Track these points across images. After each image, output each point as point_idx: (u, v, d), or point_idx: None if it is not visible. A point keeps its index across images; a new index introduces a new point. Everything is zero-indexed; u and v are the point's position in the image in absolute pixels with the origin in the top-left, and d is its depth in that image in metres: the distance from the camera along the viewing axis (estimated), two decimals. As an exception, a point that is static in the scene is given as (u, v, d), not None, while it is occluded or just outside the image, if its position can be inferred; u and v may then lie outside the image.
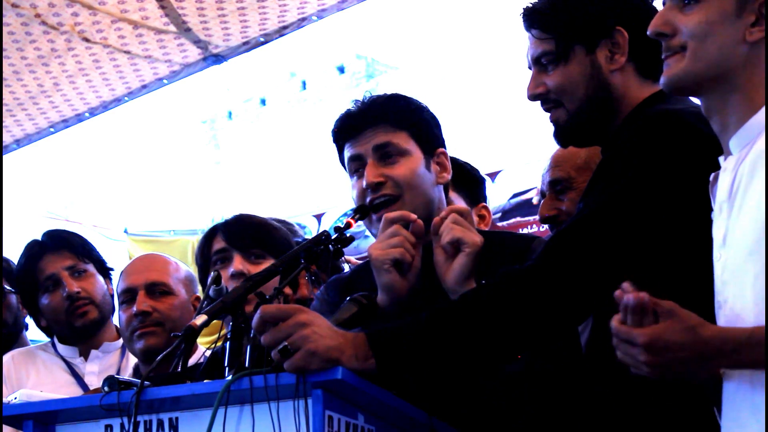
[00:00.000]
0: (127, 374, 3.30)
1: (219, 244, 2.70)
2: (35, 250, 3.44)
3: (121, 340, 3.46)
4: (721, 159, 1.83)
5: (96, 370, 3.39)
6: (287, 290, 2.60)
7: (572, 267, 1.96)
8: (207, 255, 2.72)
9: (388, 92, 2.51)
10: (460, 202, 3.05)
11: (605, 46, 2.23)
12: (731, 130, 1.78)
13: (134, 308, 2.97)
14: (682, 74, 1.81)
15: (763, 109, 1.74)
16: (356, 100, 2.47)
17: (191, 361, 2.83)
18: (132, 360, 3.40)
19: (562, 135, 2.30)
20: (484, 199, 3.54)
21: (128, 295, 3.02)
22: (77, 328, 3.39)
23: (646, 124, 2.04)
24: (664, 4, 1.87)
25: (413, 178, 2.35)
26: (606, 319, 2.11)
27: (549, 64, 2.25)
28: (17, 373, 3.36)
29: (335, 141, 2.46)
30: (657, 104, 2.13)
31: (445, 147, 2.48)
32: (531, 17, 2.28)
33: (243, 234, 2.67)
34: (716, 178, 1.81)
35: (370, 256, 2.26)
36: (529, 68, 2.33)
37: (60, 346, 3.44)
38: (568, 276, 1.96)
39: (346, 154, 2.43)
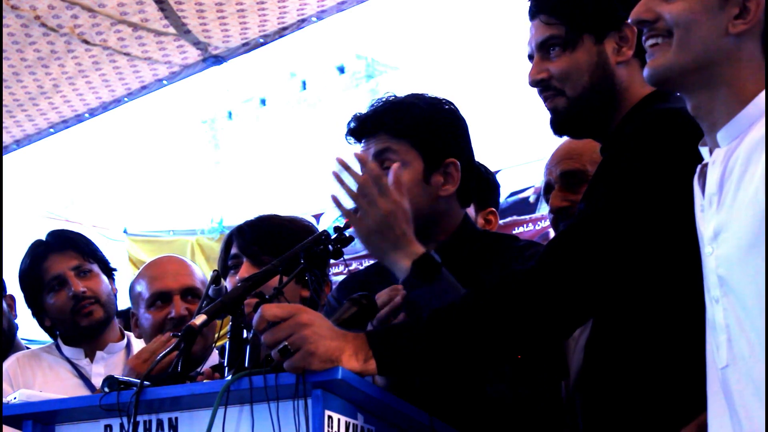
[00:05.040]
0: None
1: (233, 249, 2.70)
2: (40, 250, 3.44)
3: (125, 341, 3.48)
4: (704, 151, 1.81)
5: (102, 371, 3.38)
6: (304, 293, 2.60)
7: (574, 269, 1.96)
8: (225, 259, 2.74)
9: (407, 93, 2.46)
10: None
11: (613, 38, 2.22)
12: (719, 125, 1.77)
13: (172, 311, 2.98)
14: (668, 65, 1.79)
15: (754, 103, 1.73)
16: (371, 102, 2.45)
17: (207, 364, 2.84)
18: None
19: (559, 122, 2.28)
20: (495, 204, 3.50)
21: (162, 298, 3.03)
22: (83, 328, 3.39)
23: (648, 123, 2.03)
24: None
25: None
26: (606, 320, 2.13)
27: (555, 48, 2.24)
28: (24, 376, 3.36)
29: (353, 141, 2.46)
30: (659, 102, 2.12)
31: (463, 155, 2.41)
32: (540, 2, 2.27)
33: (254, 240, 2.65)
34: (702, 171, 1.80)
35: None
36: (529, 57, 2.31)
37: (65, 348, 3.44)
38: (570, 278, 1.95)
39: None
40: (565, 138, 2.71)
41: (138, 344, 3.44)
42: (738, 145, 1.73)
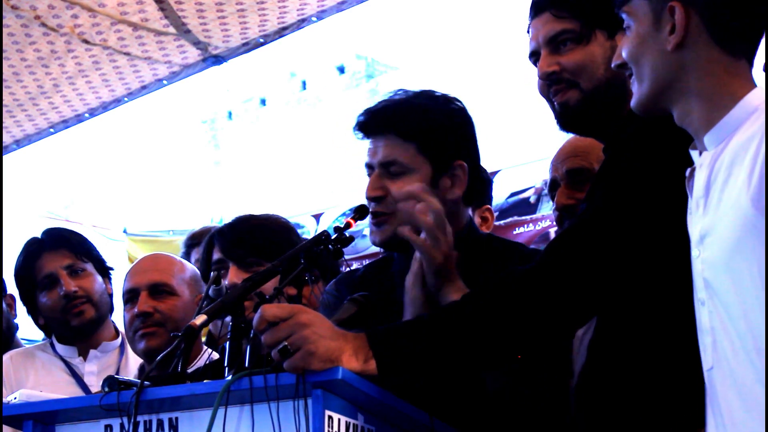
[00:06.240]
0: (127, 373, 3.31)
1: (216, 254, 2.69)
2: (34, 248, 3.45)
3: (119, 339, 3.48)
4: (695, 154, 1.83)
5: (95, 370, 3.40)
6: (291, 290, 2.61)
7: (574, 268, 1.95)
8: (207, 264, 2.73)
9: (415, 91, 2.43)
10: None
11: (623, 35, 2.22)
12: (702, 132, 1.80)
13: (136, 309, 2.98)
14: (637, 98, 1.89)
15: (740, 105, 1.75)
16: (383, 98, 2.42)
17: (198, 364, 2.84)
18: (131, 359, 3.41)
19: (568, 117, 2.25)
20: (489, 201, 3.51)
21: (131, 295, 3.02)
22: (73, 327, 3.39)
23: (648, 123, 2.03)
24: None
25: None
26: (609, 320, 2.13)
27: (567, 42, 2.23)
28: (16, 374, 3.36)
29: (359, 135, 2.42)
30: None
31: (470, 156, 2.38)
32: None
33: (237, 244, 2.64)
34: (692, 174, 1.83)
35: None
36: (532, 54, 2.30)
37: (59, 346, 3.45)
38: (571, 277, 1.95)
39: (365, 154, 2.40)
40: (569, 136, 2.70)
41: None
42: (724, 148, 1.75)
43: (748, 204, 1.65)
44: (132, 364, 3.41)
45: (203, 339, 3.54)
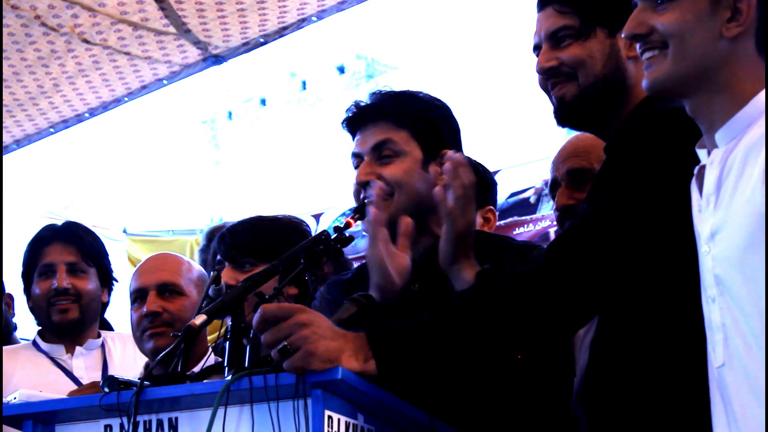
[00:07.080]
0: (113, 371, 3.32)
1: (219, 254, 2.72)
2: (47, 234, 3.49)
3: (101, 339, 3.51)
4: (702, 153, 1.82)
5: (82, 365, 3.42)
6: (292, 290, 2.61)
7: (575, 269, 1.95)
8: (212, 264, 2.75)
9: (401, 88, 2.50)
10: None
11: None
12: (718, 126, 1.78)
13: (144, 308, 2.98)
14: (667, 76, 1.82)
15: (752, 103, 1.74)
16: (371, 92, 2.47)
17: (202, 363, 2.84)
18: (115, 358, 3.45)
19: (565, 112, 2.26)
20: (493, 202, 3.52)
21: (139, 295, 3.02)
22: (54, 323, 3.42)
23: (650, 122, 2.03)
24: (634, 6, 1.88)
25: (404, 178, 2.34)
26: (611, 319, 2.13)
27: (567, 38, 2.23)
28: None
29: (348, 131, 2.47)
30: (661, 101, 2.12)
31: (457, 148, 2.43)
32: None
33: (234, 245, 2.67)
34: (701, 172, 1.82)
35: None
36: (535, 48, 2.30)
37: (43, 345, 3.47)
38: (572, 277, 1.95)
39: (353, 147, 2.44)
40: (569, 135, 2.70)
41: (114, 345, 3.47)
42: (736, 145, 1.74)
43: (763, 201, 1.64)
44: (117, 363, 3.42)
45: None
